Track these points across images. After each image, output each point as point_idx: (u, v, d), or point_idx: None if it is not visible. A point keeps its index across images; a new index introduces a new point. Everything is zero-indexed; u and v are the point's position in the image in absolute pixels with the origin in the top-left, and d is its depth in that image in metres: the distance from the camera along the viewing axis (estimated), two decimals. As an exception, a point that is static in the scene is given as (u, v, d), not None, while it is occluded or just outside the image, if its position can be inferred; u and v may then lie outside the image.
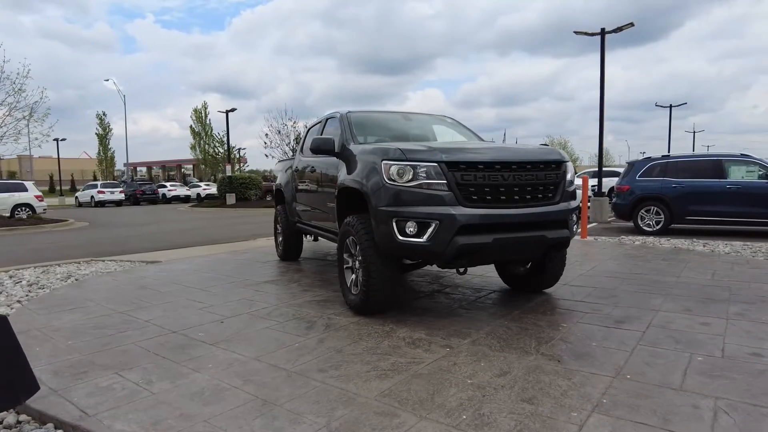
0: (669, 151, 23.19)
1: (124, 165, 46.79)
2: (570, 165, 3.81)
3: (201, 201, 31.60)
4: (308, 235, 6.90)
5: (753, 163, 8.77)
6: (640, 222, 9.61)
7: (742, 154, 8.95)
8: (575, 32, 12.57)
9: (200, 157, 43.08)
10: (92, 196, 28.95)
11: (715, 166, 8.97)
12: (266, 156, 27.09)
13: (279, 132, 23.54)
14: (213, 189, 33.72)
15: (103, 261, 7.55)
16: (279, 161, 7.96)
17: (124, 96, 39.09)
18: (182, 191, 33.38)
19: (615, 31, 12.05)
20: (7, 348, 1.87)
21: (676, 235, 9.15)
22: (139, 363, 2.91)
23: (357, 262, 3.89)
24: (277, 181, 7.12)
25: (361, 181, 3.70)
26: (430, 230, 3.27)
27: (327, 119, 5.44)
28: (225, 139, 31.44)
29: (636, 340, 3.13)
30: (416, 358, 2.91)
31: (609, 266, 5.75)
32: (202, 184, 35.44)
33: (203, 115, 42.24)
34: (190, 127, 43.24)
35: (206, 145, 42.21)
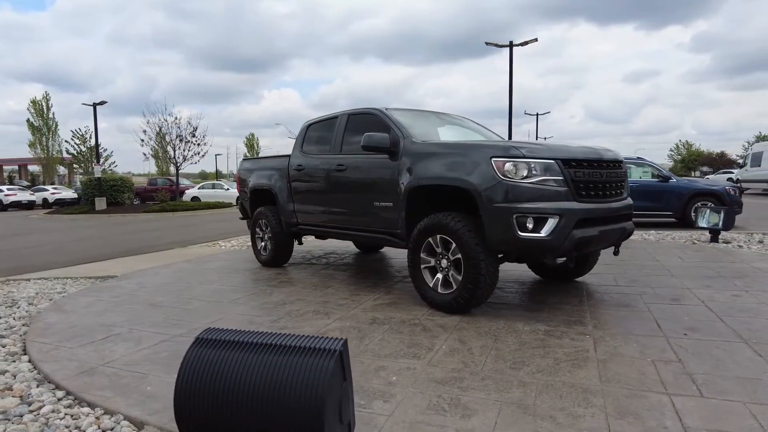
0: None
1: None
2: (623, 165, 4.29)
3: (51, 207, 26.94)
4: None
5: (646, 165, 10.58)
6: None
7: (638, 158, 10.74)
8: (486, 43, 13.70)
9: (43, 155, 36.45)
10: None
11: (619, 167, 10.60)
12: (144, 155, 24.21)
13: (160, 129, 21.19)
14: (65, 193, 29.09)
15: (29, 280, 6.16)
16: (245, 159, 7.30)
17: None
18: (24, 196, 27.99)
19: (522, 44, 13.45)
20: (347, 380, 1.53)
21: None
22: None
23: (445, 260, 3.88)
24: (255, 182, 6.58)
25: (462, 178, 3.68)
26: (548, 225, 3.43)
27: (350, 115, 5.22)
28: (86, 136, 27.39)
29: (711, 313, 3.68)
30: (576, 347, 3.05)
31: (588, 255, 6.49)
32: (49, 187, 30.21)
33: (44, 108, 35.72)
34: (28, 121, 36.26)
35: (51, 142, 35.90)
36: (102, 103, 20.65)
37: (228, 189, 25.18)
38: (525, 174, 3.50)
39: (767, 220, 10.57)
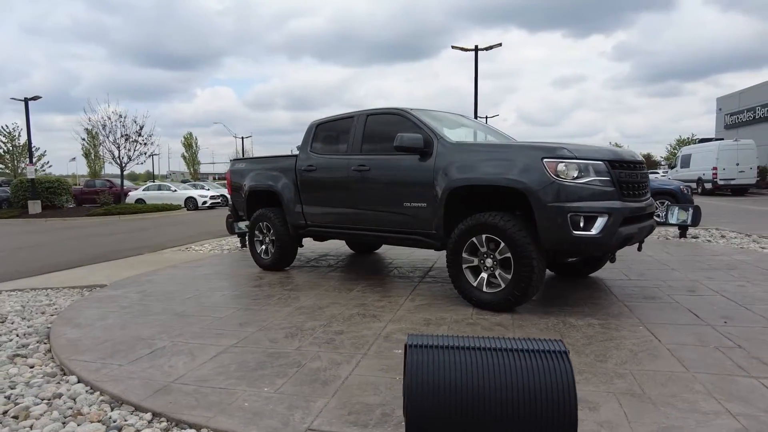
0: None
1: None
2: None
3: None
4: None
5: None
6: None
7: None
8: (453, 47, 13.99)
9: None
10: None
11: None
12: (84, 156, 22.45)
13: (104, 126, 19.74)
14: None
15: (1, 292, 5.55)
16: (238, 159, 7.00)
17: None
18: (-65, 199, 25.05)
19: (487, 48, 13.86)
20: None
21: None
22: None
23: (490, 260, 3.94)
24: (253, 183, 6.34)
25: (516, 179, 3.74)
26: (599, 223, 3.58)
27: (368, 115, 5.16)
28: (15, 133, 24.96)
29: (732, 302, 4.01)
30: (639, 338, 3.21)
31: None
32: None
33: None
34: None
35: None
36: (36, 98, 18.83)
37: (175, 191, 23.95)
38: (576, 174, 3.63)
39: (713, 216, 11.55)
